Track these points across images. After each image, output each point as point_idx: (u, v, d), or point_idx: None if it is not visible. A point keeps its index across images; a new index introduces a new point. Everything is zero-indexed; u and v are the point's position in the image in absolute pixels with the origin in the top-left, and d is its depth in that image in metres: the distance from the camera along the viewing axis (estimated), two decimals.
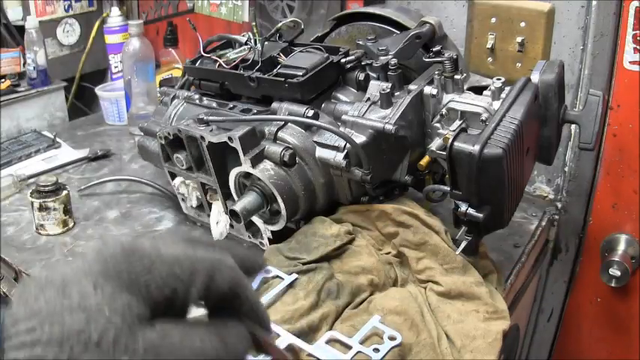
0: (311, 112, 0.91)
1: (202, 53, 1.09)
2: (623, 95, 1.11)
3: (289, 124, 0.91)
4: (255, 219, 0.94)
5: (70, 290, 0.34)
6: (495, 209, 0.81)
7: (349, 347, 0.72)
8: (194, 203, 1.05)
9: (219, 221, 1.00)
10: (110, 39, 1.65)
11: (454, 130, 0.83)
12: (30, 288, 0.34)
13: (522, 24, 1.18)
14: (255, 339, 0.40)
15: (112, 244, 0.36)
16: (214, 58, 1.06)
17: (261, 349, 0.41)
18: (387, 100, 0.90)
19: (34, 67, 1.60)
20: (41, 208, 1.07)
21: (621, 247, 1.20)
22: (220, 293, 0.38)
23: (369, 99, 0.92)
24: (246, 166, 0.89)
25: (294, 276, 0.82)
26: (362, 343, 0.73)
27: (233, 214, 0.88)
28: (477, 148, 0.76)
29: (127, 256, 0.36)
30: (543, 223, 1.18)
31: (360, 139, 0.87)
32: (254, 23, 1.59)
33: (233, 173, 0.92)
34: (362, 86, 0.96)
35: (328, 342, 0.73)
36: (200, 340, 0.36)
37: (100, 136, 1.56)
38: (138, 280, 0.35)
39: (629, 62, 1.08)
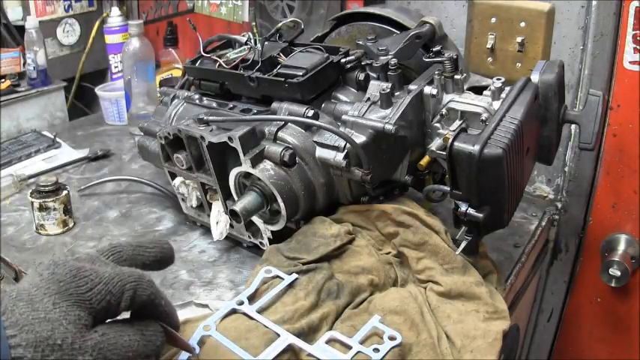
0: (311, 112, 0.91)
1: (202, 53, 1.09)
2: (623, 95, 1.11)
3: (289, 124, 0.91)
4: (255, 219, 0.94)
5: (37, 306, 0.47)
6: (495, 209, 0.81)
7: (349, 347, 0.72)
8: (194, 203, 1.05)
9: (219, 221, 1.00)
10: (110, 39, 1.66)
11: (454, 130, 0.83)
12: (5, 302, 0.46)
13: (522, 24, 1.18)
14: (167, 333, 0.55)
15: (62, 267, 0.50)
16: (214, 58, 1.05)
17: (171, 341, 0.56)
18: (387, 100, 0.90)
19: (34, 67, 1.60)
20: (41, 208, 1.07)
21: (621, 247, 1.20)
22: (141, 302, 0.52)
23: (369, 99, 0.92)
24: (246, 166, 0.89)
25: (294, 276, 0.82)
26: (362, 343, 0.73)
27: (233, 214, 0.88)
28: (476, 148, 0.76)
29: (74, 278, 0.49)
30: (543, 223, 1.18)
31: (360, 139, 0.87)
32: (254, 23, 1.59)
33: (233, 173, 0.92)
34: (362, 86, 0.96)
35: (328, 342, 0.73)
36: (128, 336, 0.50)
37: (100, 136, 1.56)
38: (83, 297, 0.49)
39: (629, 62, 1.08)
